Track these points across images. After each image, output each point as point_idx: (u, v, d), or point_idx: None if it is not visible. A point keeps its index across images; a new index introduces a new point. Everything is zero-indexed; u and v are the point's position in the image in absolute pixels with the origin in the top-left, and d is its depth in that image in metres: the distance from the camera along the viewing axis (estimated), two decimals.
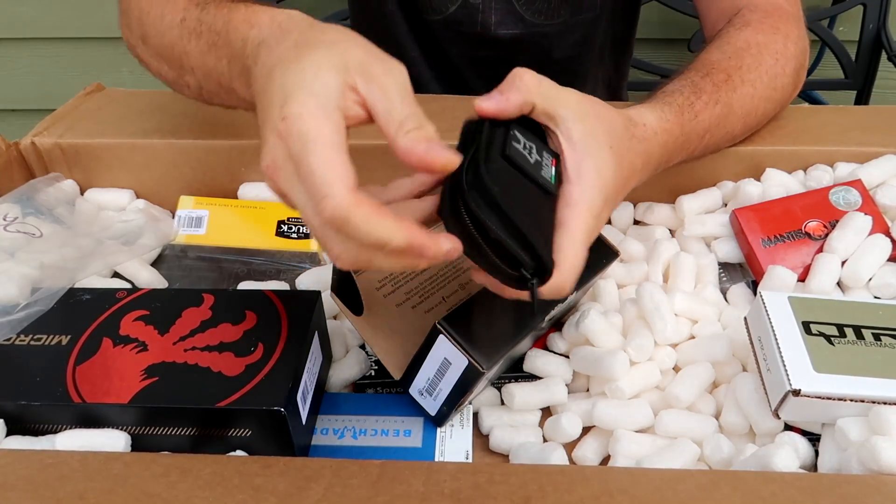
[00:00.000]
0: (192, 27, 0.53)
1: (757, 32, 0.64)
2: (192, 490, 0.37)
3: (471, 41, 0.84)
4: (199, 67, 0.54)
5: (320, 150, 0.34)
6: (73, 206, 0.66)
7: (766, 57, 0.62)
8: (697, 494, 0.36)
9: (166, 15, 0.56)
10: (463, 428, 0.49)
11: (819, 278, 0.55)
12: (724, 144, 0.63)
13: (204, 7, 0.53)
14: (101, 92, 0.76)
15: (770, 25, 0.65)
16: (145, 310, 0.50)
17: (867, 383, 0.44)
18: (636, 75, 1.29)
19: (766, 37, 0.63)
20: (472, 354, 0.43)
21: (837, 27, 1.34)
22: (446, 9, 0.82)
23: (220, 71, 0.51)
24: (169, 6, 0.56)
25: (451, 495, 0.36)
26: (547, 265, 0.37)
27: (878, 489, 0.37)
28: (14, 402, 0.44)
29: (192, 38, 0.53)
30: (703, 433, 0.48)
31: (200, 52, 0.52)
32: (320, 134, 0.34)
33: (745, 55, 0.62)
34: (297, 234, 0.65)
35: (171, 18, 0.55)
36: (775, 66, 0.63)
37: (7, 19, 1.43)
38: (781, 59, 0.63)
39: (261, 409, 0.42)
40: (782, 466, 0.41)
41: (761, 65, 0.62)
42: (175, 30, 0.55)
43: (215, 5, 0.52)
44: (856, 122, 0.69)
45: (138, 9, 0.59)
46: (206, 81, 0.54)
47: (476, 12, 0.82)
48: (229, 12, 0.49)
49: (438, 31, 0.85)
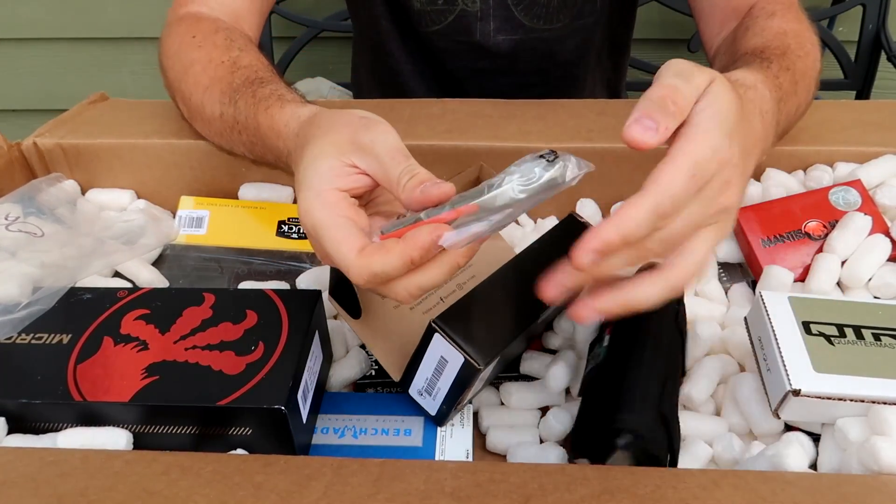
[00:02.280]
0: (230, 124, 0.60)
1: (787, 21, 0.64)
2: (192, 488, 0.37)
3: (469, 51, 0.84)
4: (248, 152, 0.61)
5: (328, 235, 0.41)
6: (75, 206, 0.66)
7: (806, 42, 0.63)
8: (699, 493, 0.36)
9: (206, 105, 0.62)
10: (463, 427, 0.49)
11: (819, 278, 0.55)
12: (793, 121, 0.62)
13: (235, 104, 0.59)
14: (104, 101, 0.76)
15: (794, 16, 0.65)
16: (146, 309, 0.50)
17: (867, 383, 0.44)
18: (636, 75, 1.29)
19: (797, 25, 0.64)
20: (467, 351, 0.43)
21: (837, 27, 1.34)
22: (444, 19, 0.82)
23: (270, 160, 0.58)
24: (207, 97, 0.61)
25: (451, 493, 0.36)
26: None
27: (879, 489, 0.37)
28: (15, 401, 0.44)
29: (233, 133, 0.60)
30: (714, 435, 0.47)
31: (246, 144, 0.60)
32: (324, 223, 0.41)
33: (787, 38, 0.61)
34: (298, 234, 0.65)
35: (210, 111, 0.62)
36: (814, 50, 0.63)
37: (8, 20, 1.43)
38: (815, 46, 0.64)
39: (261, 408, 0.43)
40: (795, 466, 0.41)
41: (803, 46, 0.62)
42: (217, 123, 0.61)
43: (244, 103, 0.58)
44: (856, 118, 0.69)
45: (182, 92, 0.65)
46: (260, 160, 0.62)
47: (474, 20, 0.81)
48: (256, 117, 0.56)
49: (436, 43, 0.85)
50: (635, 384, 0.44)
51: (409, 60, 0.89)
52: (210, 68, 0.62)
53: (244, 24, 0.71)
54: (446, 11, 0.81)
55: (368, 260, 0.39)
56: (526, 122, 0.67)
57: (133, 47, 1.45)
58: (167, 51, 0.67)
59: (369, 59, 0.95)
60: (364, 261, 0.39)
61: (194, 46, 0.64)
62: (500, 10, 0.81)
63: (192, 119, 0.66)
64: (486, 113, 0.69)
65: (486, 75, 0.86)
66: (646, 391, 0.43)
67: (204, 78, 0.62)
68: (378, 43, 0.89)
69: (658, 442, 0.42)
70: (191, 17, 0.68)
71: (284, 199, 0.67)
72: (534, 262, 0.49)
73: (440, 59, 0.87)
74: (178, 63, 0.65)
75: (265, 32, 1.31)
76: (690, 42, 1.27)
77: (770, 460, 0.42)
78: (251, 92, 0.58)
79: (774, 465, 0.42)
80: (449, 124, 0.67)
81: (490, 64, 0.85)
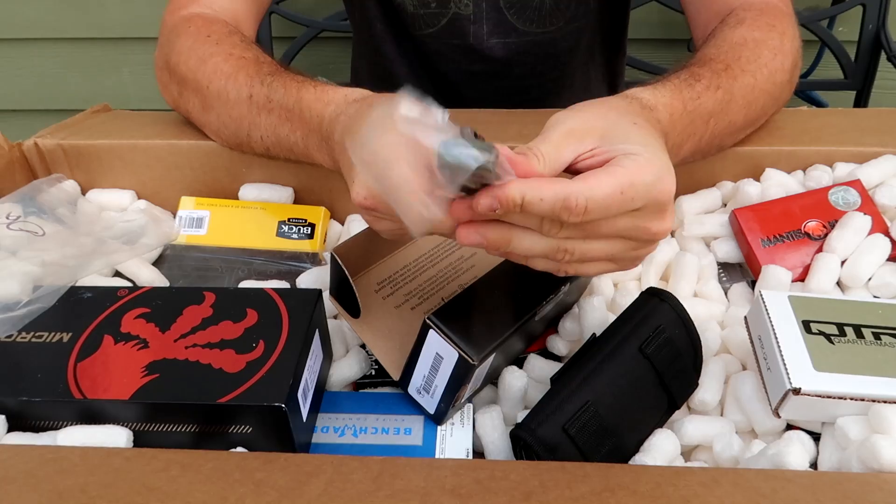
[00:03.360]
0: (261, 104, 0.60)
1: (753, 29, 0.63)
2: (192, 484, 0.37)
3: (463, 54, 0.84)
4: (270, 136, 0.61)
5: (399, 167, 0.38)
6: (75, 207, 0.66)
7: (764, 51, 0.61)
8: (699, 491, 0.36)
9: (230, 90, 0.62)
10: (464, 426, 0.49)
11: (818, 278, 0.55)
12: (727, 139, 0.62)
13: (270, 84, 0.59)
14: (106, 112, 0.76)
15: (765, 23, 0.63)
16: (146, 307, 0.50)
17: (867, 382, 0.44)
18: (636, 75, 1.29)
19: (762, 33, 0.62)
20: (461, 347, 0.43)
21: (837, 27, 1.34)
22: (437, 22, 0.82)
23: (292, 141, 0.59)
24: (231, 83, 0.61)
25: (451, 491, 0.36)
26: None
27: (880, 487, 0.37)
28: (15, 399, 0.44)
29: (261, 113, 0.60)
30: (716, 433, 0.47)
31: (271, 125, 0.60)
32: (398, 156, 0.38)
33: (743, 49, 0.60)
34: (298, 235, 0.65)
35: (236, 94, 0.61)
36: (773, 61, 0.61)
37: (8, 20, 1.43)
38: (779, 55, 0.62)
39: (262, 406, 0.43)
40: (795, 464, 0.41)
41: (759, 58, 0.61)
42: (243, 105, 0.61)
43: (280, 83, 0.59)
44: (854, 125, 0.69)
45: (198, 82, 0.64)
46: (277, 147, 0.62)
47: (468, 24, 0.81)
48: (298, 91, 0.57)
49: (430, 46, 0.85)
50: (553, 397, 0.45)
51: (404, 63, 0.89)
52: (232, 60, 0.62)
53: (243, 27, 0.71)
54: (439, 14, 0.81)
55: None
56: (525, 127, 0.67)
57: (133, 47, 1.45)
58: (179, 48, 0.66)
59: (367, 60, 0.95)
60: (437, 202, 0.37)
61: (211, 42, 0.64)
62: (492, 13, 0.80)
63: (206, 108, 0.65)
64: (483, 119, 0.69)
65: (481, 78, 0.86)
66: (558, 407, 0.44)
67: (227, 66, 0.62)
68: (374, 45, 0.89)
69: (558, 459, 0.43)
70: (198, 17, 0.68)
71: (284, 199, 0.67)
72: None
73: (434, 62, 0.87)
74: (194, 56, 0.64)
75: (265, 32, 1.31)
76: (690, 42, 1.27)
77: (771, 459, 0.42)
78: (289, 75, 0.59)
79: (775, 463, 0.42)
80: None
81: (484, 67, 0.85)
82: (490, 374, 0.49)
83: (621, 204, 0.38)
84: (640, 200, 0.38)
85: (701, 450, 0.48)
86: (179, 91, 0.67)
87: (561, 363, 0.53)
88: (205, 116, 0.65)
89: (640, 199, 0.38)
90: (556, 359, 0.54)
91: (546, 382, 0.49)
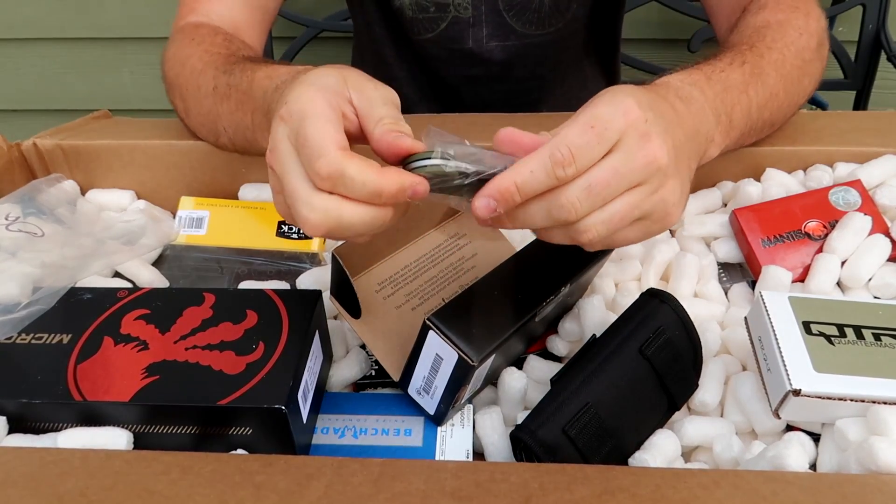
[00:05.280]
0: (222, 92, 0.59)
1: (776, 12, 0.62)
2: (192, 487, 0.37)
3: (463, 59, 0.84)
4: (230, 125, 0.60)
5: (315, 122, 0.38)
6: (75, 207, 0.66)
7: (790, 31, 0.61)
8: (699, 493, 0.36)
9: (201, 86, 0.62)
10: (464, 427, 0.49)
11: (819, 278, 0.55)
12: (777, 114, 0.61)
13: (231, 72, 0.59)
14: (107, 119, 0.76)
15: (788, 5, 0.63)
16: (146, 309, 0.50)
17: (867, 383, 0.44)
18: (636, 75, 1.29)
19: (785, 14, 0.62)
20: (461, 348, 0.43)
21: (837, 27, 1.34)
22: (436, 27, 0.82)
23: (246, 125, 0.58)
24: (202, 78, 0.62)
25: (452, 493, 0.36)
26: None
27: (880, 489, 0.37)
28: (15, 401, 0.44)
29: (223, 102, 0.60)
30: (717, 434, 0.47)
31: (230, 112, 0.59)
32: (315, 110, 0.38)
33: (767, 31, 0.60)
34: (298, 235, 0.65)
35: (205, 89, 0.62)
36: (800, 40, 0.61)
37: (8, 20, 1.43)
38: (805, 33, 0.61)
39: (262, 408, 0.43)
40: (795, 466, 0.41)
41: (785, 36, 0.60)
42: (210, 98, 0.61)
43: (240, 69, 0.58)
44: (854, 126, 0.69)
45: (180, 86, 0.65)
46: (236, 136, 0.61)
47: (467, 27, 0.81)
48: (252, 72, 0.56)
49: (429, 50, 0.85)
50: (553, 399, 0.45)
51: (403, 67, 0.89)
52: (206, 56, 0.63)
53: (244, 36, 0.72)
54: (438, 19, 0.81)
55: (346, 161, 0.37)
56: (525, 129, 0.67)
57: (133, 47, 1.45)
58: (168, 56, 0.68)
59: (367, 63, 0.95)
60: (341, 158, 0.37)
61: (193, 45, 0.65)
62: (492, 16, 0.80)
63: (187, 111, 0.66)
64: (483, 123, 0.69)
65: (481, 82, 0.86)
66: (558, 409, 0.44)
67: (199, 64, 0.63)
68: (374, 49, 0.89)
69: (558, 460, 0.43)
70: (190, 26, 0.69)
71: None
72: (530, 261, 0.49)
73: (434, 66, 0.87)
74: (177, 61, 0.66)
75: None
76: (690, 42, 1.27)
77: (770, 460, 0.42)
78: (254, 62, 0.58)
79: (775, 465, 0.42)
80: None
81: (484, 71, 0.85)
82: (490, 374, 0.49)
83: (599, 139, 0.37)
84: (613, 131, 0.38)
85: (701, 451, 0.48)
86: (171, 97, 0.68)
87: (561, 364, 0.53)
88: (188, 118, 0.66)
89: (612, 129, 0.38)
90: (556, 359, 0.54)
91: (546, 383, 0.49)
